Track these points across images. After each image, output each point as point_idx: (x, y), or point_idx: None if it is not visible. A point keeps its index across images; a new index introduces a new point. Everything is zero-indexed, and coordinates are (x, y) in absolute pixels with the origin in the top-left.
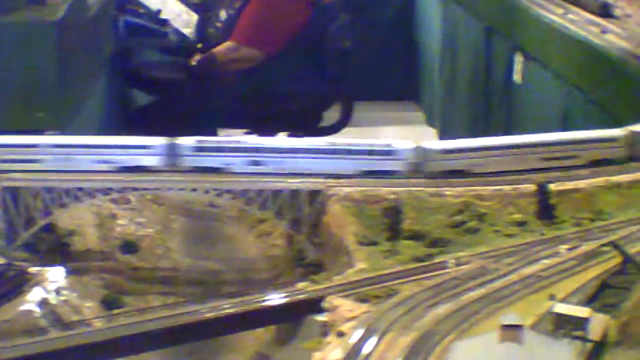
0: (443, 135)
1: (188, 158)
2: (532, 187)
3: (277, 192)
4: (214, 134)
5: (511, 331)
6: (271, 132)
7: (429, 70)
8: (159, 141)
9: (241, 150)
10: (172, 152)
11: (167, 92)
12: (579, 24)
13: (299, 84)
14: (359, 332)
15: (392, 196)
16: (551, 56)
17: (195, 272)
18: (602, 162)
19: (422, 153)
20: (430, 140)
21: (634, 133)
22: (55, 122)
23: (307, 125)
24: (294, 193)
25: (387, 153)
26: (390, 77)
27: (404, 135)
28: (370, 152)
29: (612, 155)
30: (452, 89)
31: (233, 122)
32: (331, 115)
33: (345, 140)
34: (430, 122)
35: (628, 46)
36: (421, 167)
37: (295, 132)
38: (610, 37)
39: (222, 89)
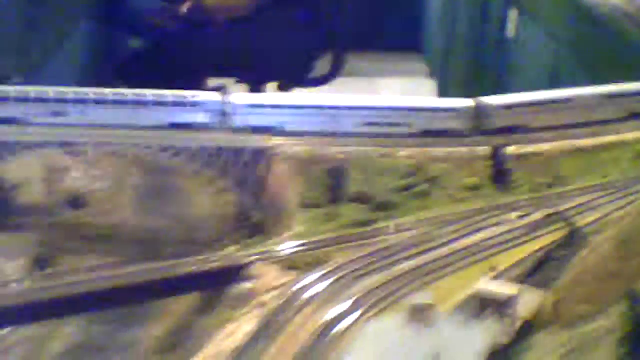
0: (442, 89)
1: None
2: (489, 150)
3: (220, 150)
4: (204, 82)
5: (421, 312)
6: (261, 82)
7: (432, 22)
8: None
9: (43, 101)
10: None
11: (156, 39)
12: None
13: (289, 34)
14: (278, 304)
15: (340, 156)
16: (543, 12)
17: (140, 231)
18: (436, 133)
19: (230, 107)
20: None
21: (479, 105)
22: (21, 67)
23: (297, 76)
24: (238, 151)
25: (194, 105)
26: (394, 27)
27: (404, 87)
28: (176, 104)
29: (451, 126)
30: (452, 41)
31: (223, 71)
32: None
33: (154, 91)
34: (433, 74)
35: (621, 6)
36: (228, 121)
37: (285, 82)
38: None
39: (212, 38)
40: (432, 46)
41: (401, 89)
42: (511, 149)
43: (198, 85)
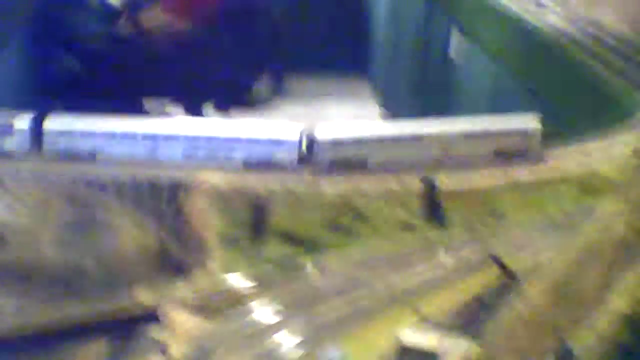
0: (386, 110)
1: None
2: (421, 185)
3: (135, 181)
4: (140, 103)
5: None
6: (197, 102)
7: (376, 44)
8: None
9: None
10: None
11: (90, 60)
12: None
13: (226, 54)
14: (186, 352)
15: (264, 190)
16: (482, 32)
17: (58, 269)
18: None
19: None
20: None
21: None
22: None
23: (234, 97)
24: (155, 183)
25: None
26: (339, 48)
27: (346, 110)
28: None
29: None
30: (395, 62)
31: (159, 91)
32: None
33: None
34: (377, 96)
35: (564, 28)
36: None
37: (221, 103)
38: (546, 14)
39: (148, 57)
40: (376, 68)
41: (345, 111)
42: (445, 184)
43: (133, 106)
